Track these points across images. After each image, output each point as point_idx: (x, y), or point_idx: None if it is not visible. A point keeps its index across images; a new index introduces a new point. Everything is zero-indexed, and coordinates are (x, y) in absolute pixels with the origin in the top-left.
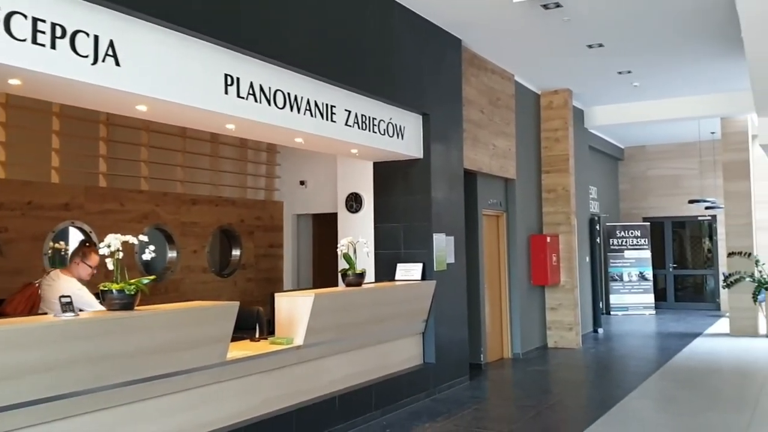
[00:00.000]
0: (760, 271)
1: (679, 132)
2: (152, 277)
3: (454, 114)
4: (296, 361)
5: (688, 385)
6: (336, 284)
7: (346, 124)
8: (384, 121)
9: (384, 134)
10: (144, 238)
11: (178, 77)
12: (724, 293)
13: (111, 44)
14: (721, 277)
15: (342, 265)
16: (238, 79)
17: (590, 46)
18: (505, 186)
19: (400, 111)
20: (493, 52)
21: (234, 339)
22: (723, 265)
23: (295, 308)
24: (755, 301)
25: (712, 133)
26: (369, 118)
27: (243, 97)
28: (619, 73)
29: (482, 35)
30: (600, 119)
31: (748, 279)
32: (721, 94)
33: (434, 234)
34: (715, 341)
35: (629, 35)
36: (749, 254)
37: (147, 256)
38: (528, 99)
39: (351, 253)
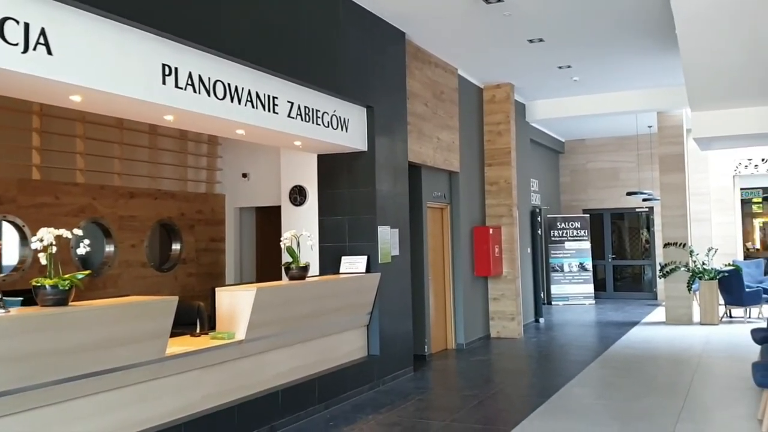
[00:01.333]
0: (695, 261)
1: (617, 126)
2: (87, 272)
3: (398, 107)
4: (238, 356)
5: (626, 373)
6: (280, 278)
7: (288, 116)
8: (328, 113)
9: (328, 126)
10: (79, 232)
11: (113, 67)
12: (660, 283)
13: (42, 32)
14: (658, 268)
15: (285, 258)
16: (176, 69)
17: (531, 41)
18: (449, 179)
19: (344, 103)
20: (436, 46)
21: (174, 334)
22: (660, 256)
23: (236, 303)
24: (690, 290)
25: (650, 127)
26: (312, 110)
27: (181, 88)
28: (560, 67)
29: (426, 28)
30: (541, 113)
31: (683, 269)
32: (658, 89)
33: (379, 227)
34: (652, 329)
35: (569, 31)
36: (684, 245)
37: (81, 250)
38: (471, 93)
39: (294, 247)
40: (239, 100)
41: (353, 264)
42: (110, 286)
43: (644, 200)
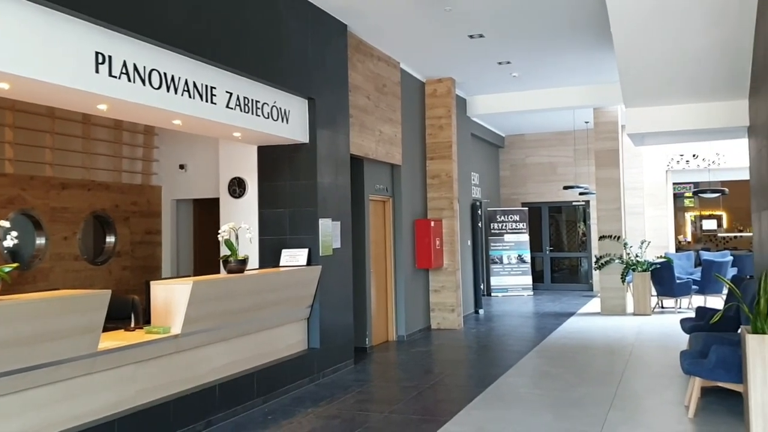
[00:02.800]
0: (628, 254)
1: (555, 121)
2: (14, 264)
3: (340, 99)
4: (174, 351)
5: (561, 362)
6: (218, 272)
7: (227, 107)
8: (268, 105)
9: (268, 118)
10: (6, 223)
11: (43, 54)
12: (596, 275)
13: None
14: (593, 260)
15: (224, 251)
16: (110, 57)
17: (472, 37)
18: (392, 172)
19: (284, 94)
20: (378, 39)
21: (108, 329)
22: (595, 248)
23: (172, 296)
24: (623, 281)
25: (586, 122)
26: (252, 100)
27: (115, 77)
28: (499, 63)
29: (367, 21)
30: (482, 108)
31: (617, 261)
32: (594, 85)
33: (320, 219)
34: (587, 320)
35: (508, 27)
36: (618, 237)
37: (9, 242)
38: (413, 86)
39: (233, 240)
40: (176, 90)
41: (294, 257)
42: (41, 279)
43: (581, 194)
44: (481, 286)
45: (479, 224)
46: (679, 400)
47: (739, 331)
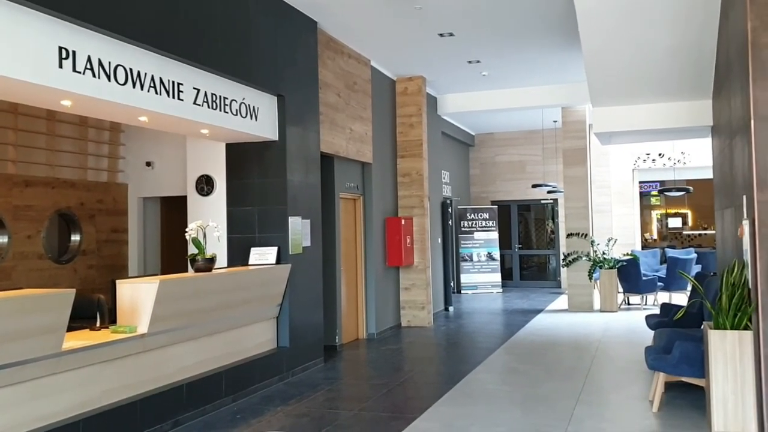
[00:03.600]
0: (595, 251)
1: (525, 120)
2: None
3: (310, 96)
4: (141, 350)
5: (529, 358)
6: (185, 270)
7: (194, 103)
8: (236, 101)
9: (236, 114)
10: None
11: (4, 48)
12: (564, 272)
13: None
14: (561, 257)
15: (191, 250)
16: (74, 52)
17: (442, 35)
18: (362, 170)
19: (253, 91)
20: (349, 37)
21: (73, 328)
22: (563, 246)
23: (138, 295)
24: (590, 278)
25: (555, 121)
26: (220, 97)
27: (80, 72)
28: (469, 62)
29: (338, 19)
30: (452, 106)
31: (584, 258)
32: (562, 85)
33: (290, 217)
34: (555, 317)
35: (478, 26)
36: (586, 235)
37: None
38: (384, 84)
39: (200, 238)
40: (142, 86)
41: (263, 255)
42: (3, 279)
43: (549, 192)
44: (451, 284)
45: (449, 222)
46: (644, 394)
47: (702, 327)
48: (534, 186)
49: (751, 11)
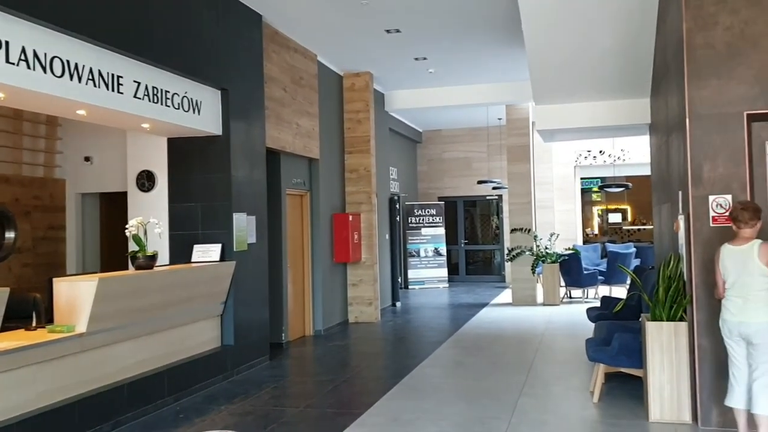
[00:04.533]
0: (538, 246)
1: (470, 117)
2: None
3: (255, 91)
4: (79, 350)
5: (475, 352)
6: (126, 268)
7: (135, 96)
8: (178, 95)
9: (178, 108)
10: None
11: None
12: (508, 266)
13: None
14: (506, 252)
15: (132, 247)
16: (7, 42)
17: (388, 31)
18: (309, 165)
19: (196, 85)
20: (295, 31)
21: (7, 329)
22: (508, 241)
23: (76, 294)
24: (534, 272)
25: (499, 119)
26: (161, 90)
27: (13, 63)
28: (416, 59)
29: (283, 12)
30: (399, 103)
31: (528, 253)
32: (506, 83)
33: (234, 214)
34: (500, 310)
35: (424, 23)
36: (529, 230)
37: None
38: (331, 80)
39: (141, 235)
40: (79, 79)
41: (206, 252)
42: None
43: (494, 188)
44: (399, 279)
45: (397, 218)
46: (585, 386)
47: (640, 319)
48: (479, 182)
49: (686, 13)
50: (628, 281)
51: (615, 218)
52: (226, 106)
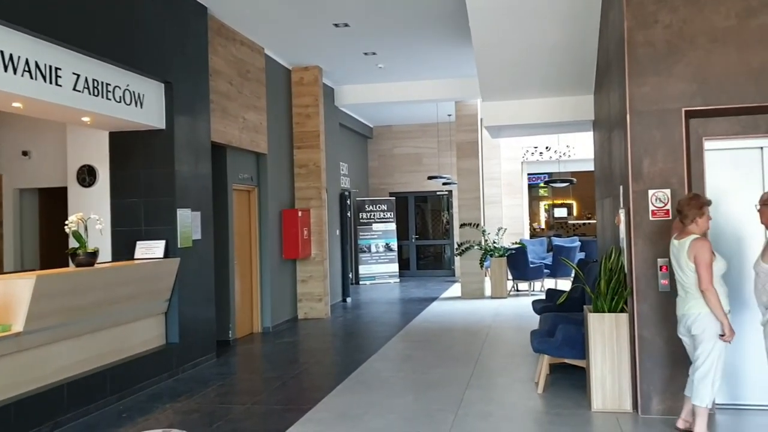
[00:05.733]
0: (486, 240)
1: (421, 113)
2: None
3: (200, 84)
4: (15, 350)
5: (424, 345)
6: (67, 266)
7: (74, 89)
8: (120, 88)
9: (120, 102)
10: None
11: None
12: (458, 261)
13: None
14: (455, 246)
15: (72, 244)
16: None
17: (337, 25)
18: (257, 160)
19: (138, 78)
20: (241, 24)
21: None
22: (457, 236)
23: (12, 292)
24: (482, 266)
25: (449, 115)
26: (102, 83)
27: None
28: (365, 54)
29: (229, 5)
30: (349, 98)
31: (476, 247)
32: (456, 79)
33: (179, 209)
34: (449, 304)
35: (373, 17)
36: (477, 225)
37: None
38: (279, 74)
39: (81, 231)
40: (15, 70)
41: (149, 249)
42: None
43: (444, 184)
44: (350, 275)
45: (348, 214)
46: (530, 377)
47: (583, 310)
48: (430, 178)
49: (627, 11)
50: (573, 274)
51: (561, 213)
52: (169, 100)
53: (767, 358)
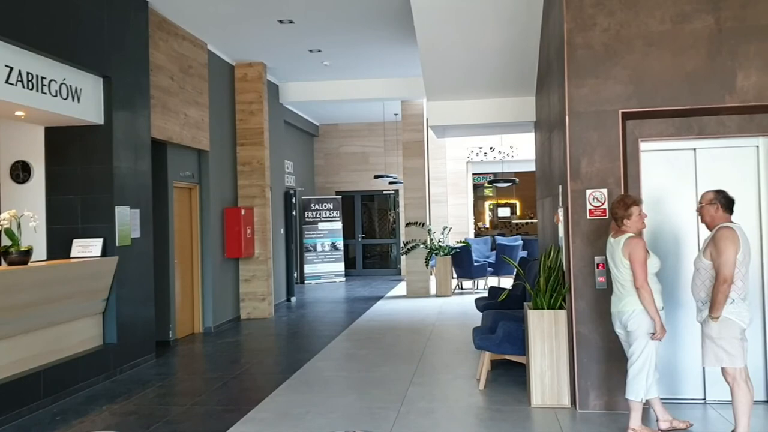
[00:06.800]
0: (432, 239)
1: (367, 112)
2: None
3: (140, 79)
4: None
5: (368, 344)
6: None
7: (7, 82)
8: (56, 82)
9: (56, 96)
10: None
11: None
12: (403, 259)
13: None
14: (402, 245)
15: (5, 242)
16: None
17: (281, 22)
18: (199, 157)
19: (75, 71)
20: (183, 18)
21: None
22: (403, 234)
23: None
24: (427, 265)
25: (395, 114)
26: (37, 76)
27: None
28: (311, 51)
29: None
30: (294, 95)
31: (422, 246)
32: (402, 78)
33: (117, 207)
34: (394, 303)
35: (317, 14)
36: (423, 224)
37: None
38: (222, 70)
39: (14, 229)
40: None
41: (86, 247)
42: None
43: (391, 183)
44: (295, 274)
45: (293, 212)
46: (472, 373)
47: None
48: (376, 177)
49: (567, 14)
50: (515, 272)
51: (504, 212)
52: (108, 95)
53: (702, 353)
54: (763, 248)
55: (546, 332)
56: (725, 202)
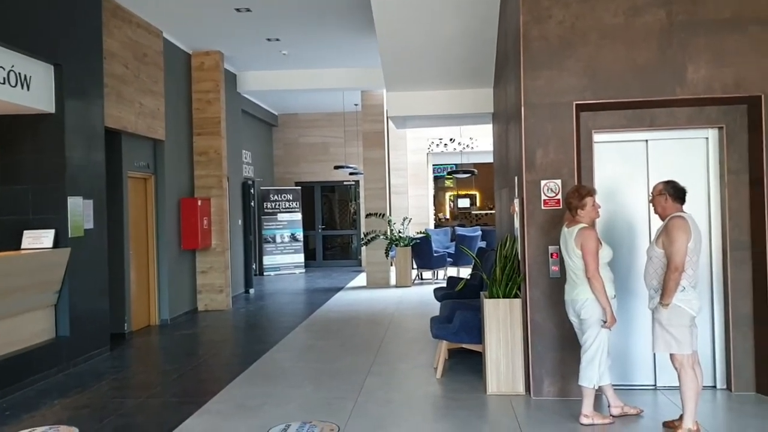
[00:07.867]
0: (392, 230)
1: (327, 102)
2: None
3: (93, 67)
4: None
5: (327, 335)
6: None
7: None
8: (4, 69)
9: (4, 83)
10: None
11: None
12: (364, 250)
13: None
14: (362, 236)
15: None
16: None
17: (238, 10)
18: (154, 147)
19: (25, 58)
20: (138, 5)
21: None
22: (364, 225)
23: None
24: (387, 256)
25: (356, 105)
26: None
27: None
28: (268, 40)
29: None
30: (252, 84)
31: (382, 237)
32: (361, 68)
33: (69, 197)
34: (354, 293)
35: (275, 3)
36: (383, 215)
37: None
38: (178, 58)
39: None
40: None
41: (38, 239)
42: None
43: (351, 174)
44: (253, 266)
45: (251, 203)
46: (430, 362)
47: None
48: (336, 167)
49: (523, 6)
50: (473, 262)
51: (464, 203)
52: (59, 82)
53: (652, 339)
54: (711, 237)
55: (501, 321)
56: (674, 192)
